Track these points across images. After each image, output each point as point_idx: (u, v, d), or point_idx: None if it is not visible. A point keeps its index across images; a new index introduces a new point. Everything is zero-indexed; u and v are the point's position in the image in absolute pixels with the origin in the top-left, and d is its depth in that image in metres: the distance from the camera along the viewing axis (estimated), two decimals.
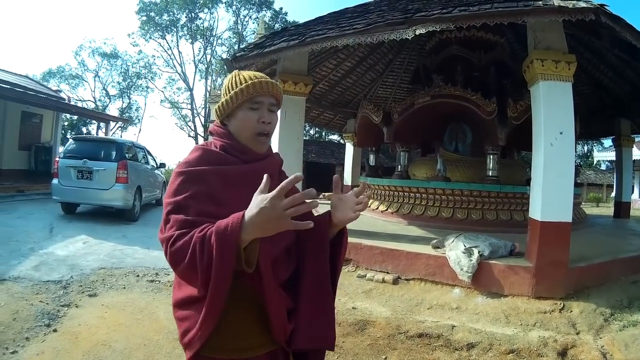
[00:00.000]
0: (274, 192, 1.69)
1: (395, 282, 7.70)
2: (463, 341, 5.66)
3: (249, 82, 2.18)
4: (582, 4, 5.99)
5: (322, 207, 2.42)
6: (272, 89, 2.22)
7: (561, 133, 6.81)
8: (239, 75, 2.26)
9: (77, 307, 6.54)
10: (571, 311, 6.38)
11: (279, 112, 2.34)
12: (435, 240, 8.23)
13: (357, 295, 7.28)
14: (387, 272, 8.00)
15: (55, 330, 5.64)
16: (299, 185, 9.00)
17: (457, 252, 7.39)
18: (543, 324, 6.09)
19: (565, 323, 6.07)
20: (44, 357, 4.97)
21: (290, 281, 2.28)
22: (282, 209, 1.68)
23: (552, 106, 6.97)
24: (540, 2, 6.25)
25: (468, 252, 7.31)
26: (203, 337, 1.93)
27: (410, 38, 7.15)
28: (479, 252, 7.29)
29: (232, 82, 2.24)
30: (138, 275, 8.31)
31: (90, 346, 5.27)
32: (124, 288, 7.59)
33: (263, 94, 2.19)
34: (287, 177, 2.33)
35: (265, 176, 1.80)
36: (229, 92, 2.21)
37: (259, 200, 1.73)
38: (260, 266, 1.92)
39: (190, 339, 1.97)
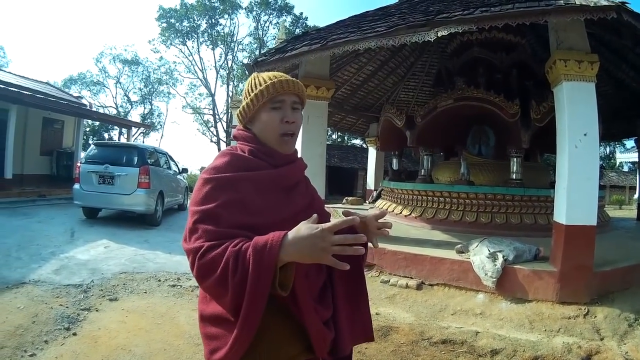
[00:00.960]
0: (329, 224, 1.68)
1: (419, 287, 7.66)
2: (487, 347, 5.59)
3: (269, 82, 2.13)
4: (604, 2, 5.92)
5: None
6: (293, 86, 2.17)
7: (585, 135, 6.70)
8: (258, 77, 2.20)
9: (97, 311, 6.57)
10: (595, 316, 6.28)
11: (303, 112, 2.29)
12: (459, 245, 8.14)
13: (380, 301, 7.25)
14: (411, 277, 7.94)
15: (74, 334, 5.66)
16: (321, 190, 8.85)
17: (482, 257, 7.31)
18: (567, 329, 6.00)
19: (589, 329, 5.98)
20: None
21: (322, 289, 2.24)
22: (330, 243, 1.68)
23: (576, 107, 6.87)
24: (562, 1, 6.19)
25: (492, 256, 7.24)
26: (235, 357, 1.86)
27: (432, 40, 7.08)
28: (503, 256, 7.20)
29: (251, 85, 2.19)
30: (159, 280, 8.32)
31: (110, 350, 5.28)
32: (145, 292, 7.60)
33: (284, 92, 2.14)
34: (310, 183, 2.39)
35: (314, 215, 1.81)
36: (249, 95, 2.16)
37: (309, 227, 1.72)
38: (296, 290, 1.90)
39: (221, 358, 1.89)
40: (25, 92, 20.15)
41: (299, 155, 2.34)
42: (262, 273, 1.69)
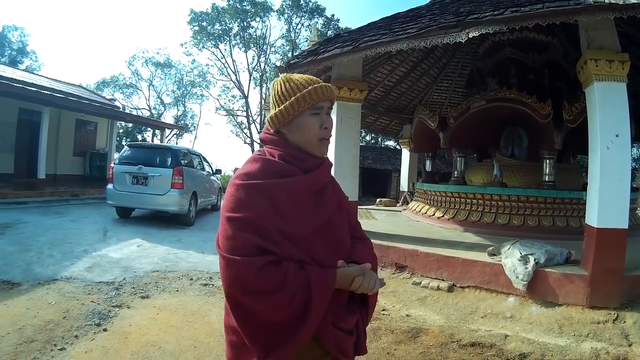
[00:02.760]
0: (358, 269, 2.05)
1: (450, 289, 7.65)
2: (515, 351, 5.55)
3: (309, 87, 2.11)
4: (633, 0, 5.83)
5: (377, 213, 2.36)
6: (331, 93, 2.18)
7: (617, 136, 6.59)
8: (291, 80, 2.17)
9: (128, 308, 6.65)
10: (624, 322, 6.18)
11: (337, 114, 2.34)
12: (491, 248, 8.11)
13: (411, 303, 7.25)
14: (443, 280, 7.92)
15: (105, 330, 5.74)
16: (355, 191, 8.87)
17: (513, 260, 7.26)
18: (596, 334, 5.93)
19: (618, 334, 5.89)
20: (92, 355, 5.05)
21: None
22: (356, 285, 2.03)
23: (607, 108, 6.78)
24: (591, 0, 6.12)
25: (524, 259, 7.18)
26: None
27: (463, 41, 7.04)
28: (534, 259, 7.13)
29: (286, 88, 2.15)
30: (192, 279, 8.39)
31: (140, 346, 5.35)
32: (177, 291, 7.68)
33: (324, 98, 2.14)
34: (335, 181, 2.40)
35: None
36: (287, 99, 2.12)
37: (347, 273, 2.03)
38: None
39: None
40: (57, 95, 20.71)
41: (333, 156, 2.38)
42: (321, 313, 1.92)
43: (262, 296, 1.83)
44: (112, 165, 14.49)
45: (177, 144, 46.67)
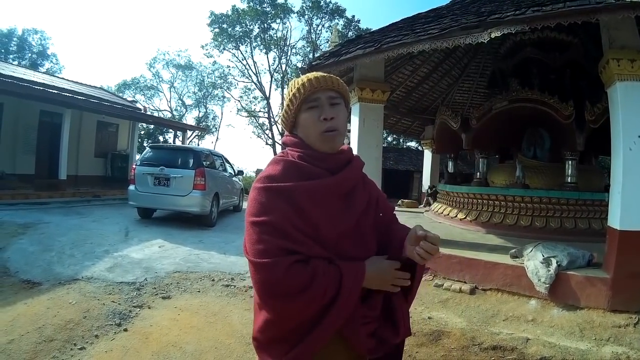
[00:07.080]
0: (393, 263, 2.03)
1: (472, 292, 7.59)
2: (536, 355, 5.50)
3: (301, 82, 2.11)
4: None
5: (399, 215, 2.34)
6: (326, 82, 2.11)
7: (639, 137, 6.56)
8: (295, 80, 2.17)
9: (149, 308, 6.70)
10: None
11: (359, 115, 2.29)
12: (513, 250, 8.04)
13: (433, 305, 7.21)
14: (465, 282, 7.88)
15: (125, 330, 5.78)
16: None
17: (536, 262, 7.19)
18: (617, 339, 5.84)
19: (638, 338, 5.79)
20: (112, 355, 5.08)
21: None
22: (393, 277, 2.00)
23: (629, 108, 6.65)
24: None
25: (546, 262, 7.11)
26: None
27: (485, 42, 7.00)
28: (557, 262, 7.06)
29: (289, 89, 2.17)
30: (213, 280, 8.40)
31: (160, 347, 5.37)
32: (199, 292, 7.70)
33: (318, 89, 2.09)
34: (367, 178, 2.34)
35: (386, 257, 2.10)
36: (285, 100, 2.16)
37: (380, 264, 2.03)
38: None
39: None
40: (78, 97, 21.11)
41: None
42: (350, 306, 1.91)
43: (293, 297, 1.81)
44: (134, 166, 14.55)
45: (198, 145, 46.80)
